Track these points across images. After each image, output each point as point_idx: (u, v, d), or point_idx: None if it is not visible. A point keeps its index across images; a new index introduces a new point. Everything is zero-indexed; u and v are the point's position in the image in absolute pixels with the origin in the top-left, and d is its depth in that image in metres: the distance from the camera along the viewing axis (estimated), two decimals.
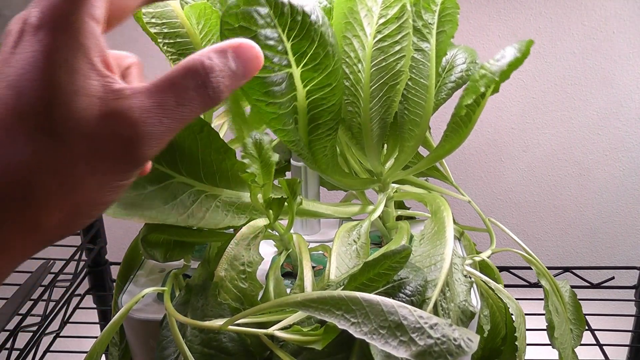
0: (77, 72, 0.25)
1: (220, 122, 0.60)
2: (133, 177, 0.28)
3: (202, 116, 0.48)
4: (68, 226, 0.27)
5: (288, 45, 0.41)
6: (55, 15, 0.25)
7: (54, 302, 0.72)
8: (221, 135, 0.48)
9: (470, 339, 0.33)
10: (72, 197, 0.26)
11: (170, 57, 0.53)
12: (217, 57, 0.28)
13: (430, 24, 0.49)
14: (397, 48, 0.47)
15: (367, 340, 0.33)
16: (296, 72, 0.43)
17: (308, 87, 0.44)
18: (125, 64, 0.33)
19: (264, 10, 0.39)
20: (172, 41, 0.52)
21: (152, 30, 0.52)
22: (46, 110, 0.25)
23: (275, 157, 0.43)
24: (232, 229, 0.48)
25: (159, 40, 0.52)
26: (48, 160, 0.25)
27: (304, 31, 0.41)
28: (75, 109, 0.25)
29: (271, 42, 0.40)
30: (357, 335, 0.33)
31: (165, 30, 0.52)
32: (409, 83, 0.49)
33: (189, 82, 0.27)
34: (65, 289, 0.75)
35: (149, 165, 0.35)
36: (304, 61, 0.42)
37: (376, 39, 0.46)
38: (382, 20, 0.46)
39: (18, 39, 0.26)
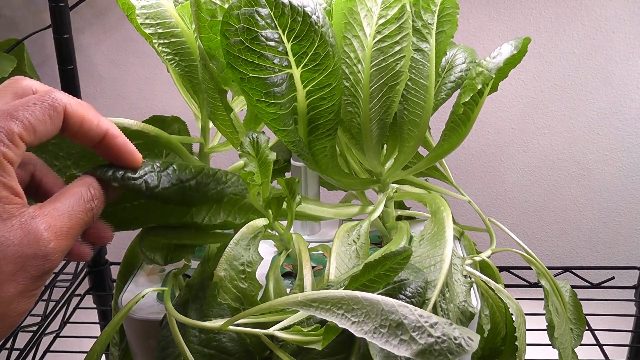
0: None
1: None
2: (42, 286, 0.33)
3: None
4: None
5: (288, 46, 0.41)
6: None
7: (54, 302, 0.72)
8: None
9: (470, 338, 0.33)
10: None
11: (165, 57, 0.52)
12: (97, 187, 0.35)
13: (429, 24, 0.49)
14: (397, 48, 0.47)
15: (368, 339, 0.33)
16: (296, 72, 0.43)
17: (308, 88, 0.44)
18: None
19: (265, 11, 0.39)
20: (167, 41, 0.52)
21: (147, 31, 0.52)
22: None
23: (273, 156, 0.43)
24: (231, 229, 0.48)
25: (154, 41, 0.52)
26: None
27: (304, 32, 0.41)
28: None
29: (272, 43, 0.40)
30: (357, 335, 0.33)
31: (160, 31, 0.52)
32: (409, 83, 0.49)
33: (80, 208, 0.34)
34: (65, 289, 0.75)
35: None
36: (304, 62, 0.42)
37: (376, 39, 0.46)
38: (381, 21, 0.46)
39: None
